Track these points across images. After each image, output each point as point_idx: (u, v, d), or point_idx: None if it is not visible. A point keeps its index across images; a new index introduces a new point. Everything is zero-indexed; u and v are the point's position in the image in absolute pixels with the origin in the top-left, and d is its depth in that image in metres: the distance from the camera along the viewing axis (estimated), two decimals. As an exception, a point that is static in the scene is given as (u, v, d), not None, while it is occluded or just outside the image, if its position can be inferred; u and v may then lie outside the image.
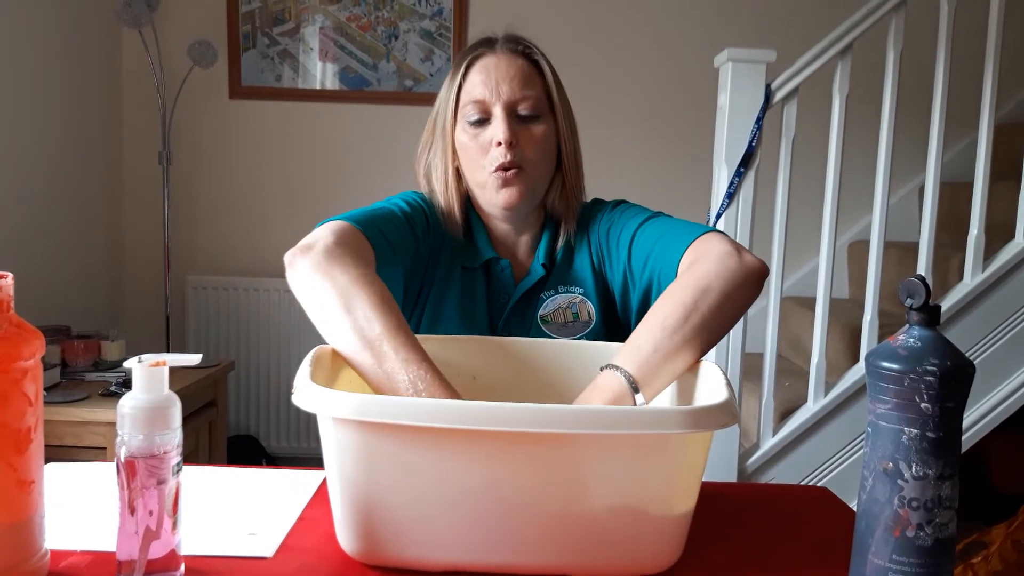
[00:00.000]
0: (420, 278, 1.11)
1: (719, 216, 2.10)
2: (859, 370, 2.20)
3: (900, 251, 2.56)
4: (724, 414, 0.67)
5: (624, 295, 1.10)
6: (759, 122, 2.06)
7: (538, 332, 1.10)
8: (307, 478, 0.93)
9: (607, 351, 0.94)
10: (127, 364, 0.65)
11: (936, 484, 0.61)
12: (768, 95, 2.07)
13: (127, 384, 1.84)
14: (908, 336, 0.63)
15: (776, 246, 2.14)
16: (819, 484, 2.17)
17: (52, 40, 2.52)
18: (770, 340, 2.16)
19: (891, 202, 2.19)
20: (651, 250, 1.03)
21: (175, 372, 1.07)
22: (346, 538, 0.71)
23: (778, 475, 2.20)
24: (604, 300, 1.12)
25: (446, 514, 0.68)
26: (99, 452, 1.91)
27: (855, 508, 0.68)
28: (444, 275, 1.12)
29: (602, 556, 0.70)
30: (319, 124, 2.95)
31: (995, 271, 2.18)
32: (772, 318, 2.15)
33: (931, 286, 0.75)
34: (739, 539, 0.81)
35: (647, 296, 1.05)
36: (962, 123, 2.48)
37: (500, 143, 1.05)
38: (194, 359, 0.68)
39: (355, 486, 0.69)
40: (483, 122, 1.08)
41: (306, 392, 0.68)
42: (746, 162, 2.07)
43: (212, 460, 2.42)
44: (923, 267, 2.17)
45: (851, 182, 2.40)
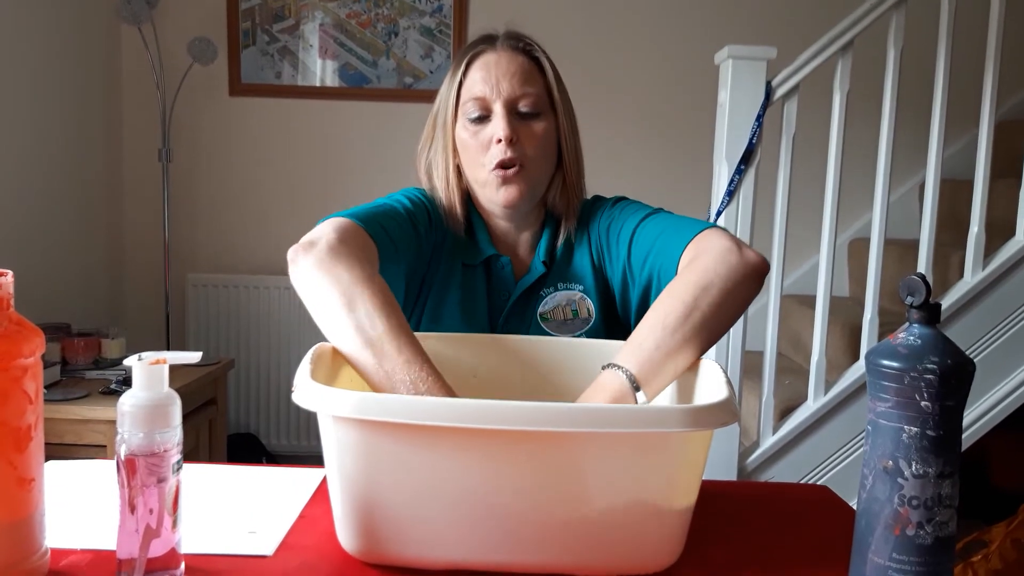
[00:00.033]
0: (422, 275, 1.11)
1: (719, 214, 2.10)
2: (859, 368, 2.20)
3: (900, 249, 2.56)
4: (724, 412, 0.67)
5: (624, 292, 1.10)
6: (759, 119, 2.06)
7: (538, 329, 1.10)
8: (307, 476, 0.93)
9: (608, 349, 0.94)
10: (127, 362, 0.65)
11: (936, 482, 0.61)
12: (768, 92, 2.06)
13: (127, 382, 1.84)
14: (908, 334, 0.63)
15: (776, 244, 2.14)
16: (819, 482, 2.17)
17: (51, 37, 2.52)
18: (770, 338, 2.16)
19: (891, 200, 2.19)
20: (651, 247, 1.03)
21: (175, 370, 1.07)
22: (346, 536, 0.71)
23: (778, 473, 2.20)
24: (604, 297, 1.12)
25: (446, 512, 0.68)
26: (99, 450, 1.91)
27: (855, 507, 0.68)
28: (445, 272, 1.12)
29: (602, 554, 0.70)
30: (319, 121, 2.94)
31: (995, 269, 2.18)
32: (772, 316, 2.15)
33: (931, 284, 0.75)
34: (739, 538, 0.81)
35: (647, 293, 1.05)
36: (963, 120, 2.48)
37: (500, 140, 1.05)
38: (194, 357, 0.68)
39: (355, 484, 0.69)
40: (483, 119, 1.07)
41: (306, 390, 0.68)
42: (746, 159, 2.07)
43: (212, 458, 2.42)
44: (923, 265, 2.17)
45: (851, 180, 2.40)
